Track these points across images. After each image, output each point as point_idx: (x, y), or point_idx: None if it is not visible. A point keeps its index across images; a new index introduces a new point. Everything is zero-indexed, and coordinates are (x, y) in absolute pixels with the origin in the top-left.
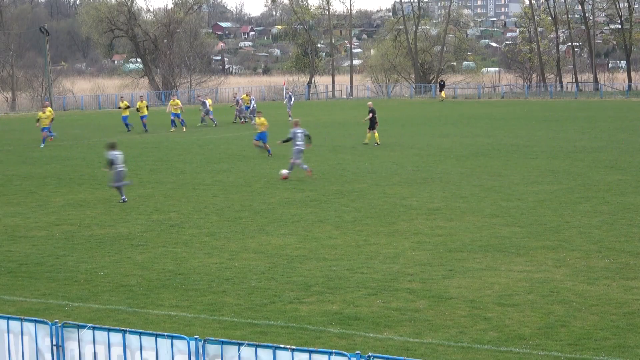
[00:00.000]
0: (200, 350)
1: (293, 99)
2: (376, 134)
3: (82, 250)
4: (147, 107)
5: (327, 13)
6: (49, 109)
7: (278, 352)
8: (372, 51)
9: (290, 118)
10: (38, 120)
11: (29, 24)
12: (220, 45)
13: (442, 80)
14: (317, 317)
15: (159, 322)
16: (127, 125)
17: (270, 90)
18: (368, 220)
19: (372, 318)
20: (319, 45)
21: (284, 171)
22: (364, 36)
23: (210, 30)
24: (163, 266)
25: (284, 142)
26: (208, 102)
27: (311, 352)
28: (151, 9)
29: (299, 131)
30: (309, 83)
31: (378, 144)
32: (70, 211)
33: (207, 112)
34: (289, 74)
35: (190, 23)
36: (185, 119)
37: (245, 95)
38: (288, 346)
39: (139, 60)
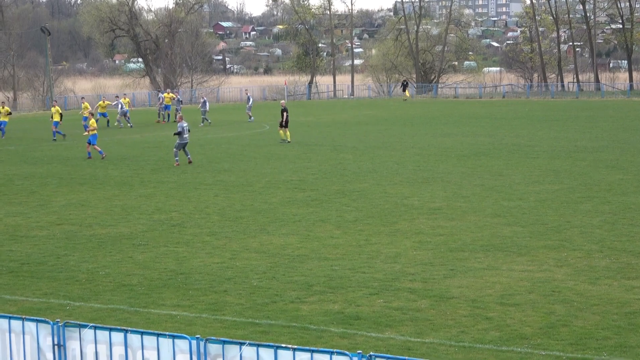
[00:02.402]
0: (202, 350)
1: (252, 100)
2: (287, 132)
3: (84, 249)
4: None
5: (328, 13)
6: None
7: (279, 351)
8: (374, 51)
9: (250, 119)
10: None
11: (30, 24)
12: (222, 45)
13: (405, 80)
14: (318, 317)
15: (161, 322)
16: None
17: (272, 90)
18: (369, 219)
19: (373, 317)
20: (320, 44)
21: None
22: (365, 36)
23: (212, 30)
24: (164, 266)
25: (175, 134)
26: (122, 101)
27: (313, 351)
28: (152, 9)
29: (185, 125)
30: (310, 83)
31: (289, 142)
32: (72, 211)
33: (124, 113)
34: (290, 74)
35: (191, 23)
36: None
37: (166, 94)
38: (290, 346)
39: (140, 60)
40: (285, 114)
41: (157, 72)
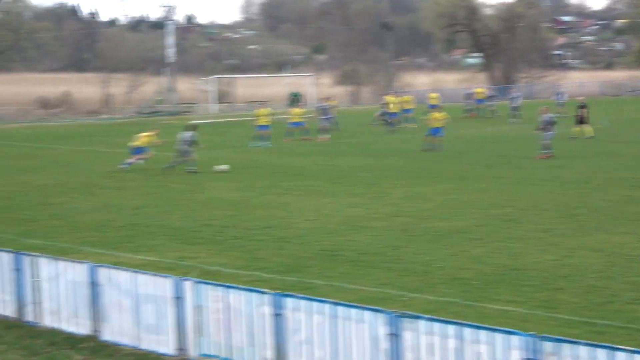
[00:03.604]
0: (535, 347)
1: (566, 96)
2: (588, 128)
3: (420, 242)
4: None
5: None
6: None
7: (615, 352)
8: None
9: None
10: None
11: (372, 20)
12: (561, 39)
13: None
14: None
15: (494, 317)
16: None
17: (611, 85)
18: None
19: None
20: None
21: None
22: None
23: (551, 25)
24: (498, 261)
25: (538, 130)
26: (389, 99)
27: None
28: (492, 4)
29: (552, 115)
30: None
31: (592, 136)
32: (409, 203)
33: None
34: (631, 69)
35: (531, 17)
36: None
37: (479, 89)
38: (626, 347)
39: (478, 54)
40: (583, 110)
41: (495, 66)
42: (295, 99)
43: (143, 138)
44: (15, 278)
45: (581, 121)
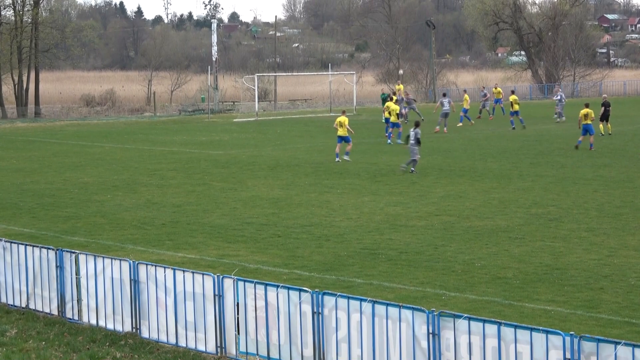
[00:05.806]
0: (575, 347)
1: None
2: (608, 125)
3: (460, 241)
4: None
5: None
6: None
7: None
8: None
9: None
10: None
11: (416, 18)
12: (606, 37)
13: None
14: None
15: (534, 316)
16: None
17: None
18: None
19: None
20: None
21: None
22: None
23: (596, 23)
24: (540, 260)
25: None
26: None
27: None
28: (536, 1)
29: None
30: None
31: (610, 134)
32: (450, 202)
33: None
34: None
35: (575, 15)
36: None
37: (494, 88)
38: None
39: (522, 53)
40: (605, 108)
41: (539, 65)
42: (385, 100)
43: (344, 126)
44: (58, 275)
45: (606, 119)
